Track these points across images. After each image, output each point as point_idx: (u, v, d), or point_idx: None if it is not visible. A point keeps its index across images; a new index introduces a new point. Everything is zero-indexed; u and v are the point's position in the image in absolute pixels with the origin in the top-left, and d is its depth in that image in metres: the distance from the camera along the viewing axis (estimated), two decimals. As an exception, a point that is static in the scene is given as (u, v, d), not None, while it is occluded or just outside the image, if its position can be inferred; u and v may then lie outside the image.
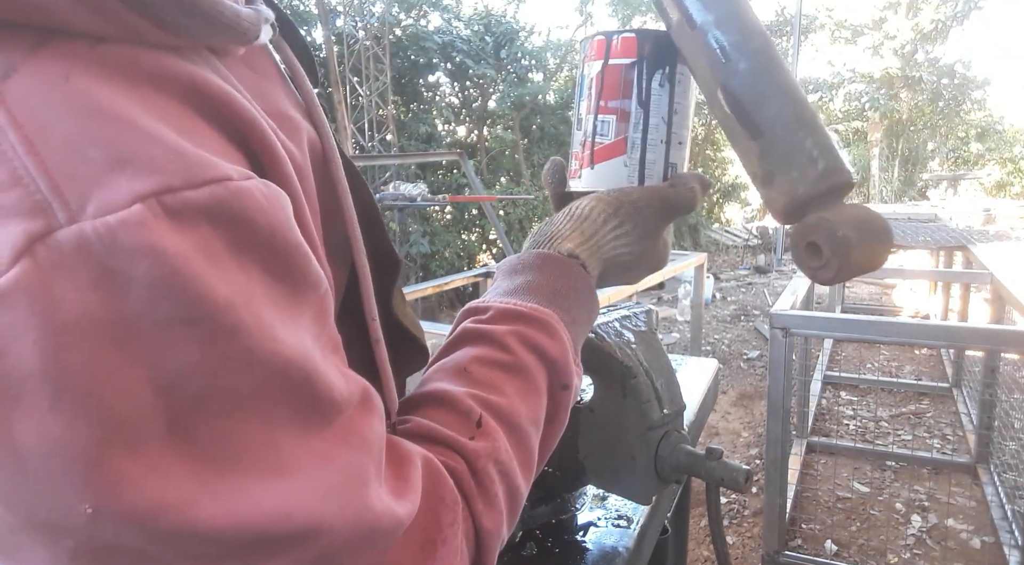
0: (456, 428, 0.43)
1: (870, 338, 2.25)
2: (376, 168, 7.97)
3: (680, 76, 0.55)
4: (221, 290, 0.28)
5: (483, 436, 0.43)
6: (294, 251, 0.32)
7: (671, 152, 0.56)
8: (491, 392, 0.45)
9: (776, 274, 9.12)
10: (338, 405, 0.34)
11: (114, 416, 0.26)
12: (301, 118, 0.41)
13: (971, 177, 16.61)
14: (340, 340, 0.38)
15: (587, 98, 0.57)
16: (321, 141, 0.42)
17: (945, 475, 2.97)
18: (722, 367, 3.50)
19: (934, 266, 4.88)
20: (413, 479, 0.38)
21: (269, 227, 0.31)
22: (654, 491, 0.62)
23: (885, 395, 4.06)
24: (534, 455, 0.46)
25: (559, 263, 0.52)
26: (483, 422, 0.44)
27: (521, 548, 0.65)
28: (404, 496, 0.36)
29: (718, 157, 14.44)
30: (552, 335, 0.48)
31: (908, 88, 17.15)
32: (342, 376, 0.35)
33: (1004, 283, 2.65)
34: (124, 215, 0.26)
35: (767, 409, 2.26)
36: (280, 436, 0.31)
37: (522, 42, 10.03)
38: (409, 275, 7.84)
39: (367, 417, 0.36)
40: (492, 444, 0.43)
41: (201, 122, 0.31)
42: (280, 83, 0.43)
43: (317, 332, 0.34)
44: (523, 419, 0.45)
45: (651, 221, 0.55)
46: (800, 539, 2.57)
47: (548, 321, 0.49)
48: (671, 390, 0.62)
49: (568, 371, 0.49)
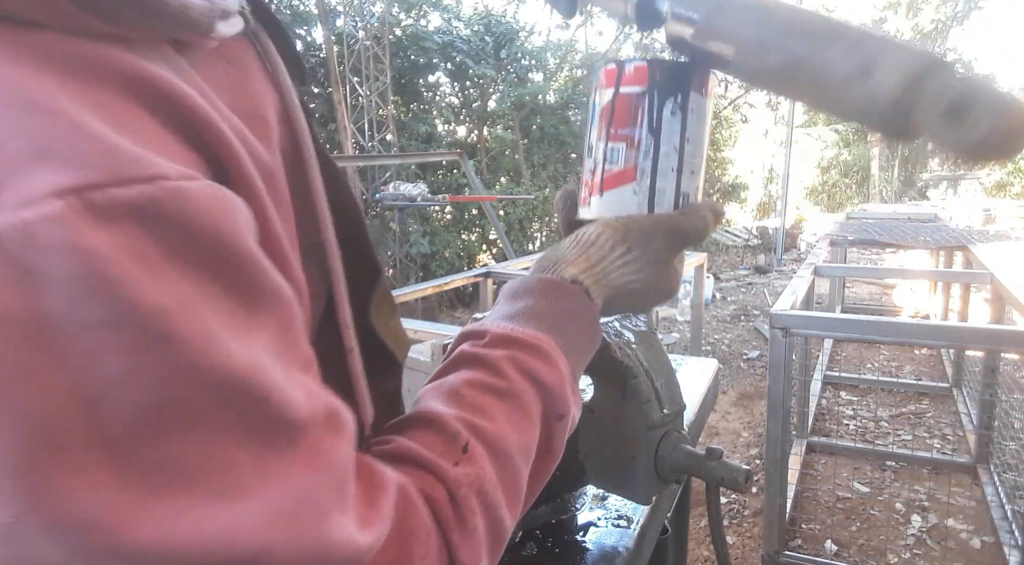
0: (440, 452, 0.42)
1: (870, 338, 2.25)
2: (376, 168, 7.97)
3: (693, 105, 0.54)
4: (152, 295, 0.26)
5: (468, 462, 0.41)
6: (246, 260, 0.30)
7: (683, 181, 0.56)
8: (481, 417, 0.43)
9: (776, 274, 9.12)
10: (298, 425, 0.32)
11: (36, 420, 0.25)
12: (276, 117, 0.40)
13: (971, 177, 16.60)
14: (312, 357, 0.36)
15: (598, 126, 0.57)
16: (297, 141, 0.41)
17: (945, 475, 2.97)
18: (722, 367, 3.50)
19: (934, 266, 4.88)
20: (384, 507, 0.36)
21: (214, 232, 0.29)
22: (654, 491, 0.62)
23: (885, 395, 4.06)
24: (522, 486, 0.44)
25: (561, 289, 0.51)
26: (470, 448, 0.42)
27: (521, 548, 0.65)
28: (371, 525, 0.34)
29: (718, 157, 14.46)
30: (548, 362, 0.47)
31: (908, 88, 17.12)
32: (306, 394, 0.33)
33: (1004, 283, 2.65)
34: (43, 210, 0.24)
35: (767, 409, 2.26)
36: (227, 456, 0.29)
37: (522, 42, 10.03)
38: (409, 275, 7.84)
39: (332, 439, 0.34)
40: (477, 472, 0.41)
41: (146, 117, 0.30)
42: (262, 79, 0.41)
43: (279, 348, 0.32)
44: (512, 447, 0.44)
45: (661, 249, 0.54)
46: (800, 539, 2.57)
47: (545, 348, 0.47)
48: (671, 390, 0.62)
49: (564, 400, 0.47)
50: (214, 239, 0.29)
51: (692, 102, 0.54)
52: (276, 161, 0.38)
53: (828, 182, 19.69)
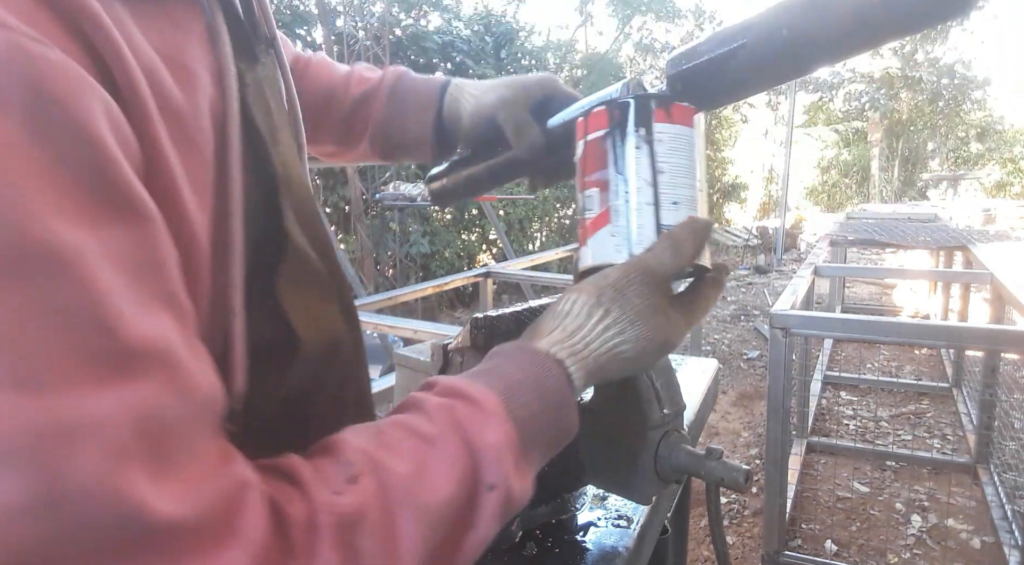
0: (325, 476, 0.37)
1: (870, 338, 2.25)
2: (376, 168, 7.97)
3: (660, 135, 0.53)
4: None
5: (352, 494, 0.36)
6: (97, 147, 0.30)
7: (663, 214, 0.53)
8: (389, 456, 0.39)
9: (776, 274, 9.12)
10: (127, 349, 0.30)
11: None
12: (209, 77, 0.43)
13: (971, 177, 16.60)
14: (181, 301, 0.35)
15: (578, 177, 0.57)
16: (225, 106, 0.43)
17: (945, 475, 2.97)
18: (722, 367, 3.50)
19: (934, 266, 4.88)
20: (208, 492, 0.32)
21: (63, 103, 0.29)
22: (654, 491, 0.62)
23: (885, 395, 4.06)
24: (408, 546, 0.37)
25: (532, 355, 0.47)
26: (360, 481, 0.37)
27: (521, 548, 0.65)
28: (182, 500, 0.30)
29: (718, 157, 14.45)
30: (485, 420, 0.42)
31: (908, 88, 17.15)
32: (152, 327, 0.31)
33: (1004, 283, 2.65)
34: None
35: (767, 409, 2.26)
36: (31, 338, 0.27)
37: (522, 42, 10.04)
38: (409, 275, 7.84)
39: (163, 388, 0.31)
40: (356, 506, 0.36)
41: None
42: (201, 43, 0.44)
43: (134, 266, 0.31)
44: (415, 497, 0.38)
45: (638, 300, 0.49)
46: (800, 539, 2.57)
47: (486, 405, 0.42)
48: (671, 390, 0.62)
49: (498, 469, 0.41)
50: (61, 109, 0.29)
51: (659, 133, 0.53)
52: (194, 109, 0.40)
53: (828, 182, 19.69)
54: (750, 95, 0.60)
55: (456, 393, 0.43)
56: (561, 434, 0.47)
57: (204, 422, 0.34)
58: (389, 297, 3.29)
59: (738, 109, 14.77)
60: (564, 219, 10.25)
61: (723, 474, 0.58)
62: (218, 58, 0.44)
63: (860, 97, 16.28)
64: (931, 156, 18.97)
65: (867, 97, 15.97)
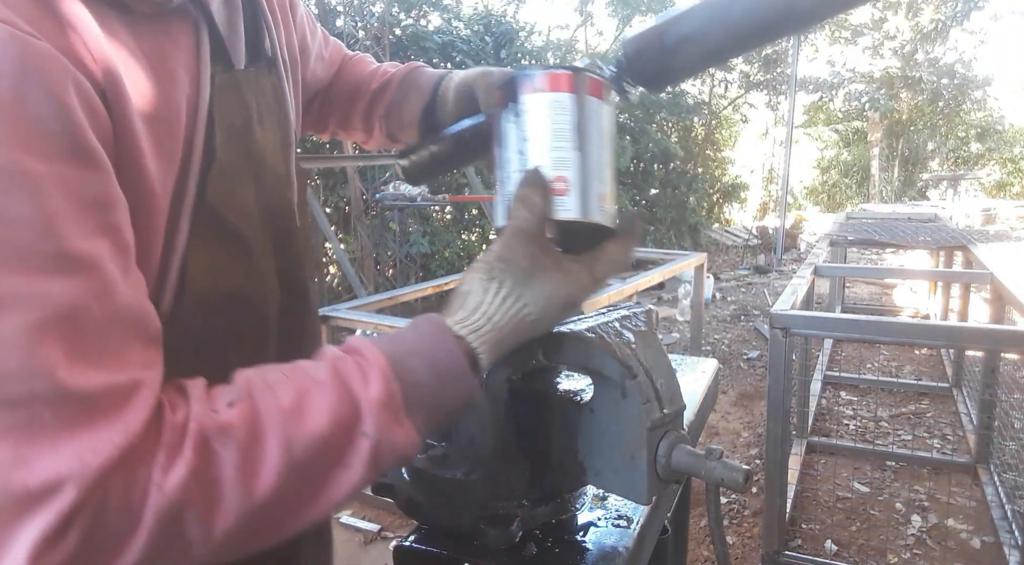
0: (212, 396, 0.46)
1: (870, 338, 2.25)
2: (376, 168, 7.97)
3: (529, 105, 0.56)
4: None
5: (226, 413, 0.44)
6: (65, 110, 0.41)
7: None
8: (271, 390, 0.46)
9: (776, 274, 9.11)
10: (59, 251, 0.39)
11: None
12: (187, 78, 0.55)
13: (971, 177, 16.60)
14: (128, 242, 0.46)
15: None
16: (197, 99, 0.56)
17: (945, 475, 2.97)
18: (722, 367, 3.50)
19: (934, 266, 4.88)
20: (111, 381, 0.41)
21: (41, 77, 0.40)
22: (654, 491, 0.62)
23: (885, 395, 4.06)
24: (270, 469, 0.44)
25: (434, 327, 0.52)
26: (236, 405, 0.45)
27: (521, 548, 0.65)
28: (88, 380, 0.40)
29: (718, 157, 14.44)
30: (372, 377, 0.48)
31: (908, 88, 17.14)
32: (93, 247, 0.41)
33: (1004, 283, 2.65)
34: None
35: (767, 409, 2.26)
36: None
37: (522, 42, 10.03)
38: (409, 275, 7.83)
39: (84, 286, 0.41)
40: (222, 424, 0.43)
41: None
42: (187, 51, 0.56)
43: (82, 199, 0.41)
44: (282, 426, 0.45)
45: (525, 262, 0.53)
46: (800, 539, 2.57)
47: (375, 364, 0.48)
48: (671, 390, 0.62)
49: (376, 420, 0.47)
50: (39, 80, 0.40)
51: (527, 103, 0.56)
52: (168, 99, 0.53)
53: (828, 182, 19.68)
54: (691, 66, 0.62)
55: (354, 351, 0.50)
56: (454, 402, 0.52)
57: (124, 330, 0.44)
58: (389, 297, 3.29)
59: (738, 109, 14.77)
60: (564, 219, 10.24)
61: (723, 474, 0.58)
62: (199, 63, 0.57)
63: (860, 97, 16.26)
64: (931, 156, 18.96)
65: (867, 97, 15.95)
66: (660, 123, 11.78)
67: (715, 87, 13.60)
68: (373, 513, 2.75)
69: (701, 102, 12.98)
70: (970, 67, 17.02)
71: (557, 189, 0.55)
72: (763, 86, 13.83)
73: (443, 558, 0.64)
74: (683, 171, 11.69)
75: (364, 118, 0.91)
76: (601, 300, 2.60)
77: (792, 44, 11.12)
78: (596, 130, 0.57)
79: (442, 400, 0.51)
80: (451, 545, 0.65)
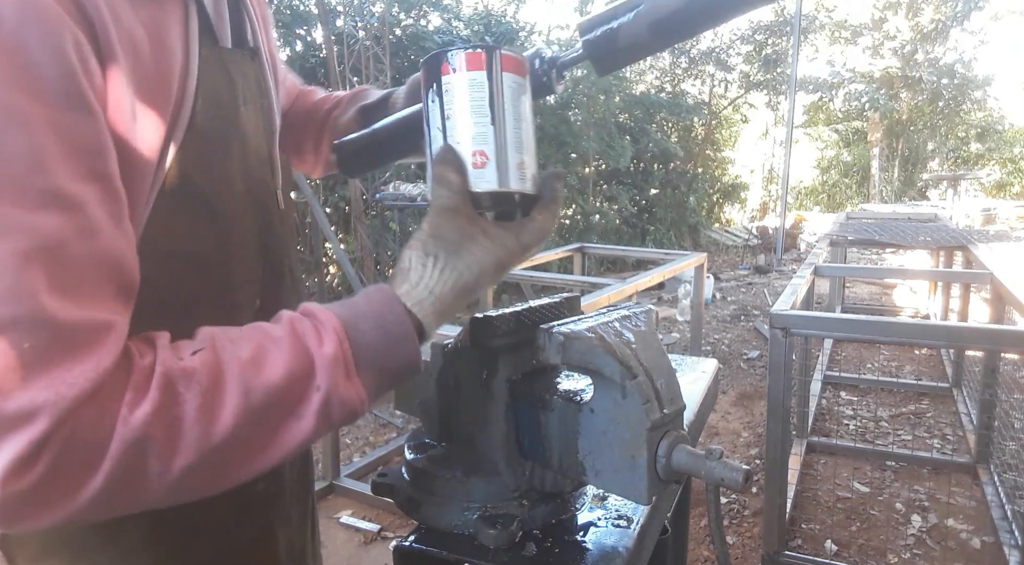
0: (177, 347, 0.49)
1: (870, 338, 2.25)
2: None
3: (447, 86, 0.59)
4: None
5: (190, 361, 0.47)
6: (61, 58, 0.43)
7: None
8: (233, 344, 0.49)
9: (776, 274, 9.11)
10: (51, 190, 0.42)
11: None
12: (179, 47, 0.58)
13: (971, 177, 16.58)
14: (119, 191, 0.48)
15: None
16: (187, 69, 0.59)
17: (945, 475, 2.97)
18: (722, 367, 3.50)
19: (934, 266, 4.88)
20: (87, 317, 0.43)
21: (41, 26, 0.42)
22: (654, 491, 0.62)
23: (885, 395, 4.06)
24: (227, 414, 0.47)
25: (384, 295, 0.56)
26: (199, 355, 0.48)
27: (521, 548, 0.65)
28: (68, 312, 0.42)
29: (718, 157, 14.44)
30: (326, 336, 0.51)
31: (908, 88, 17.13)
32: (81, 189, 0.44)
33: (1004, 283, 2.65)
34: None
35: (767, 409, 2.26)
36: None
37: (522, 42, 10.03)
38: (409, 275, 7.83)
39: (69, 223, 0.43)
40: (185, 369, 0.46)
41: None
42: (177, 23, 0.59)
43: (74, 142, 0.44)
44: (241, 374, 0.48)
45: (454, 235, 0.57)
46: (800, 539, 2.57)
47: (328, 325, 0.52)
48: (671, 390, 0.62)
49: (329, 375, 0.50)
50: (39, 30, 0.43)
51: (446, 84, 0.59)
52: (160, 65, 0.55)
53: (828, 182, 19.69)
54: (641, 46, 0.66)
55: (310, 313, 0.54)
56: (400, 363, 0.55)
57: (103, 273, 0.46)
58: (389, 297, 3.28)
59: (738, 109, 14.77)
60: (563, 219, 10.25)
61: (723, 474, 0.58)
62: (188, 35, 0.60)
63: (860, 97, 16.25)
64: (931, 156, 18.95)
65: (867, 97, 15.94)
66: (660, 123, 11.79)
67: (715, 87, 13.61)
68: (373, 513, 2.75)
69: (701, 102, 12.98)
70: (970, 67, 17.02)
71: (477, 163, 0.58)
72: (763, 86, 13.82)
73: (443, 558, 0.64)
74: (683, 171, 11.69)
75: (315, 140, 0.93)
76: (601, 300, 2.60)
77: (792, 44, 11.12)
78: (512, 103, 0.60)
79: (390, 361, 0.55)
80: (451, 545, 0.65)
